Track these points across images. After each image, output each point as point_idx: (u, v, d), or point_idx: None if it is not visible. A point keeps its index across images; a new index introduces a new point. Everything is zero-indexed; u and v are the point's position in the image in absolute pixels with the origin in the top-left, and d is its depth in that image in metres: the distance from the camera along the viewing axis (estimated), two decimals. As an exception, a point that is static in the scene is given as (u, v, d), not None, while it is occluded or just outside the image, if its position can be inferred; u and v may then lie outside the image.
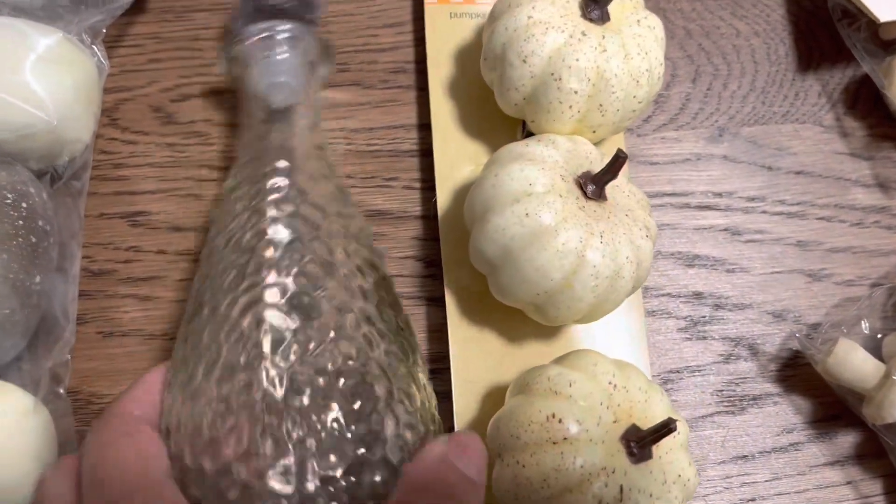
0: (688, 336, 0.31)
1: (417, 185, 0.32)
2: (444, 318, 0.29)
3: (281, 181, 0.26)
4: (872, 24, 0.33)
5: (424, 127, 0.33)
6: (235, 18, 0.30)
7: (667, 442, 0.25)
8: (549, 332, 0.30)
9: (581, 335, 0.30)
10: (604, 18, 0.28)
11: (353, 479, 0.20)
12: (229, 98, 0.33)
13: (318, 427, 0.21)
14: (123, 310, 0.30)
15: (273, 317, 0.22)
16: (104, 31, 0.30)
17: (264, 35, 0.29)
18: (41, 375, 0.27)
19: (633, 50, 0.28)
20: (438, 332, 0.30)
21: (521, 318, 0.28)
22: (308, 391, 0.21)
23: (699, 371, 0.31)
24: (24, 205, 0.25)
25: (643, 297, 0.31)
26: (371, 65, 0.34)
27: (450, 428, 0.28)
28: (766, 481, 0.30)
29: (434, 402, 0.24)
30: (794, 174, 0.33)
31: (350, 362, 0.22)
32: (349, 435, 0.21)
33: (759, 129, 0.34)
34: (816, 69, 0.35)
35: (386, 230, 0.31)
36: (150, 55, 0.33)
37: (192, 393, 0.22)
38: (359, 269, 0.25)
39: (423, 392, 0.24)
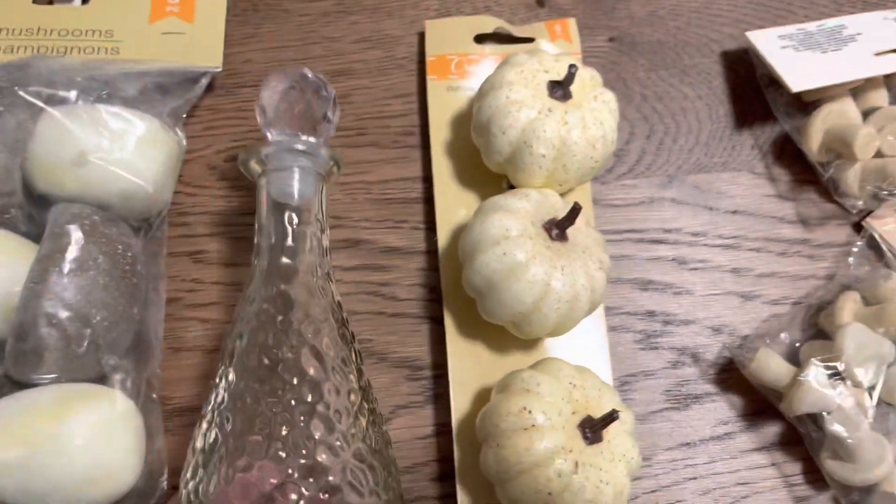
0: (642, 347, 0.38)
1: (422, 226, 0.39)
2: (444, 333, 0.36)
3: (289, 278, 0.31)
4: (794, 89, 0.40)
5: (428, 179, 0.40)
6: (261, 123, 0.34)
7: (614, 429, 0.32)
8: (528, 344, 0.37)
9: (555, 346, 0.37)
10: (566, 97, 0.35)
11: None
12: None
13: None
14: (188, 330, 0.37)
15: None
16: (184, 115, 0.38)
17: (281, 149, 0.32)
18: (141, 385, 0.34)
19: (591, 122, 0.35)
20: (439, 345, 0.37)
21: (505, 333, 0.35)
22: None
23: (651, 375, 0.38)
24: (129, 254, 0.33)
25: (606, 316, 0.38)
26: (385, 129, 0.41)
27: (444, 423, 0.35)
28: (705, 464, 0.37)
29: None
30: (731, 213, 0.40)
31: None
32: None
33: (702, 176, 0.41)
34: (750, 126, 0.42)
35: (398, 263, 0.39)
36: (207, 123, 0.41)
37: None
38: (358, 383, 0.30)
39: None
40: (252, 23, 0.43)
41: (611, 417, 0.30)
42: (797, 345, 0.37)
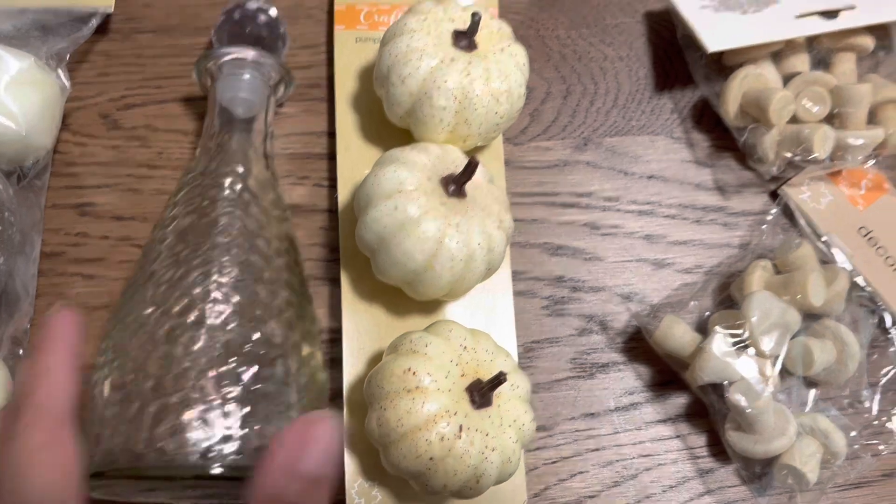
0: (549, 313, 0.37)
1: (325, 183, 0.38)
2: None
3: (237, 182, 0.31)
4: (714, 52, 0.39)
5: (332, 134, 0.38)
6: (215, 40, 0.37)
7: (506, 393, 0.30)
8: (428, 308, 0.35)
9: (457, 310, 0.36)
10: (471, 48, 0.33)
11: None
12: (165, 108, 0.38)
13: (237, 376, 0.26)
14: (72, 286, 0.35)
15: (217, 293, 0.28)
16: (67, 56, 0.36)
17: (234, 56, 0.35)
18: (3, 339, 0.32)
19: (495, 74, 0.33)
20: (337, 308, 0.35)
21: (404, 296, 0.34)
22: (232, 352, 0.27)
23: (557, 342, 0.37)
24: (-7, 198, 0.31)
25: (513, 280, 0.37)
26: (289, 80, 0.39)
27: (338, 389, 0.34)
28: (608, 435, 0.36)
29: (323, 376, 0.30)
30: (647, 178, 0.39)
31: (271, 338, 0.28)
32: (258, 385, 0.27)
33: (619, 139, 0.40)
34: (670, 90, 0.41)
35: (298, 221, 0.37)
36: (100, 69, 0.39)
37: (138, 337, 0.27)
38: (287, 267, 0.31)
39: (317, 369, 0.30)
40: (154, -34, 0.40)
41: (497, 380, 0.29)
42: (707, 314, 0.36)
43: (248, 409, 0.26)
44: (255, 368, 0.27)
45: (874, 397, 0.36)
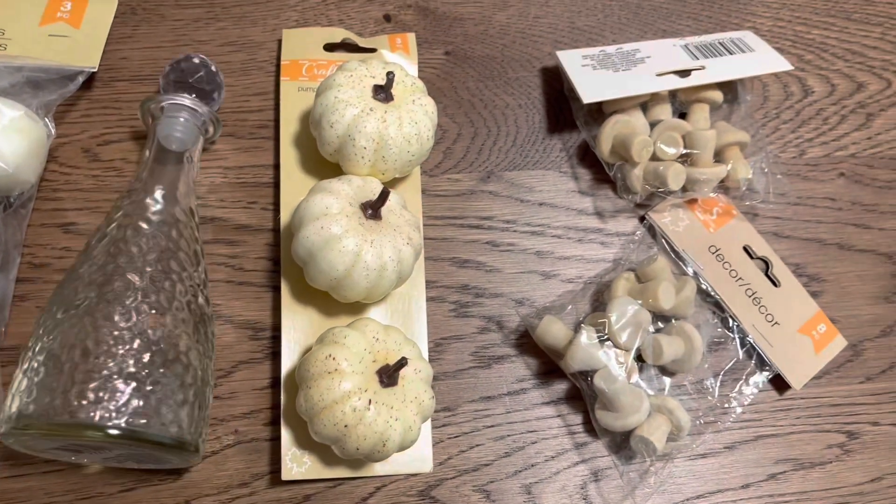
0: (456, 315, 0.45)
1: (270, 207, 0.45)
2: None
3: (161, 205, 0.39)
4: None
5: (277, 166, 0.46)
6: (162, 84, 0.44)
7: (410, 376, 0.38)
8: (355, 309, 0.43)
9: (379, 312, 0.43)
10: (388, 99, 0.41)
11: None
12: (138, 144, 0.46)
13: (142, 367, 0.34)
14: (56, 291, 0.43)
15: (131, 294, 0.36)
16: (55, 107, 0.43)
17: (173, 101, 0.42)
18: None
19: (406, 121, 0.41)
20: (278, 310, 0.43)
21: (332, 299, 0.41)
22: (137, 341, 0.35)
23: (461, 339, 0.44)
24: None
25: (426, 288, 0.44)
26: (243, 122, 0.47)
27: (277, 377, 0.41)
28: (502, 414, 0.43)
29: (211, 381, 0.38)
30: (538, 205, 0.47)
31: (172, 337, 0.36)
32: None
33: (516, 173, 0.48)
34: (559, 132, 0.49)
35: (247, 238, 0.44)
36: (83, 112, 0.46)
37: (59, 327, 0.34)
38: (194, 285, 0.39)
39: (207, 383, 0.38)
40: (130, 24, 0.48)
41: (400, 364, 0.36)
42: (584, 316, 0.44)
43: (144, 387, 0.34)
44: (154, 357, 0.34)
45: (716, 384, 0.44)
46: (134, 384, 0.34)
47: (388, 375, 0.37)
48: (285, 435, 0.40)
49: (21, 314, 0.42)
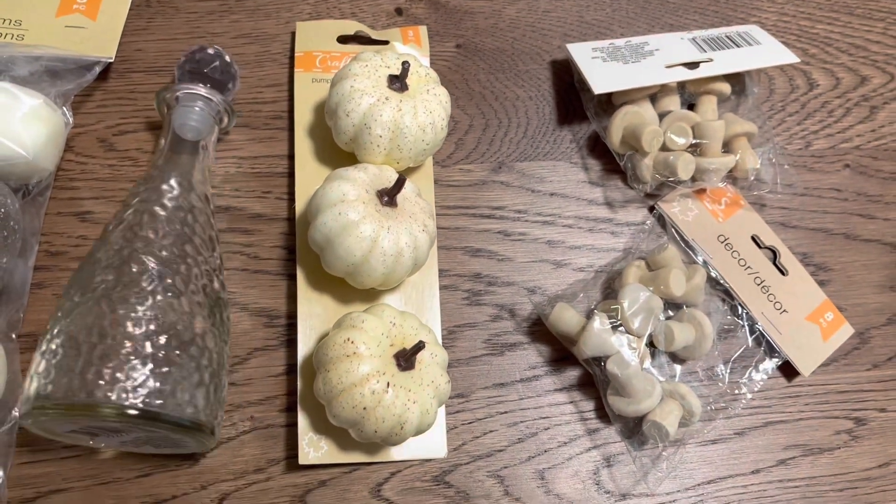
0: (469, 303, 0.45)
1: (285, 196, 0.46)
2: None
3: (177, 192, 0.39)
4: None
5: (291, 156, 0.46)
6: (177, 75, 0.45)
7: (426, 360, 0.38)
8: (369, 296, 0.43)
9: (394, 299, 0.44)
10: (403, 89, 0.42)
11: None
12: (153, 134, 0.46)
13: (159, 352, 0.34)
14: (72, 279, 0.43)
15: (147, 279, 0.36)
16: (73, 97, 0.44)
17: (188, 91, 0.42)
18: (1, 326, 0.39)
19: (421, 110, 0.42)
20: (293, 298, 0.43)
21: (348, 287, 0.42)
22: (155, 323, 0.35)
23: (475, 327, 0.45)
24: (1, 210, 0.38)
25: (439, 276, 0.45)
26: (257, 113, 0.47)
27: (293, 363, 0.42)
28: (515, 401, 0.44)
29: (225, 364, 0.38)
30: (549, 195, 0.48)
31: (188, 319, 0.36)
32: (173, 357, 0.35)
33: (527, 164, 0.49)
34: (570, 124, 0.50)
35: (262, 227, 0.45)
36: (99, 102, 0.47)
37: (78, 313, 0.35)
38: (208, 271, 0.39)
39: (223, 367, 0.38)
40: (145, 17, 0.49)
41: (418, 347, 0.37)
42: (595, 303, 0.45)
43: (160, 369, 0.34)
44: (170, 339, 0.35)
45: (726, 371, 0.45)
46: (151, 365, 0.34)
47: (406, 359, 0.37)
48: (302, 420, 0.40)
49: (38, 301, 0.42)
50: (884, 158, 0.52)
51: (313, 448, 0.40)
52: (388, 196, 0.40)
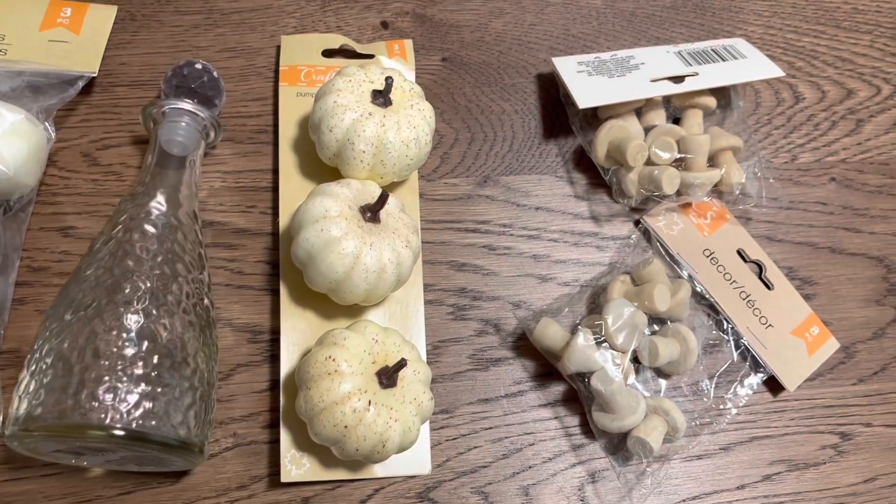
0: (454, 318, 0.45)
1: (269, 211, 0.46)
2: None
3: (163, 209, 0.39)
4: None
5: (276, 171, 0.46)
6: (163, 89, 0.44)
7: (409, 377, 0.38)
8: (353, 312, 0.43)
9: (378, 315, 0.44)
10: (386, 104, 0.42)
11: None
12: (137, 149, 0.46)
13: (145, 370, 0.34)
14: (53, 295, 0.43)
15: (136, 298, 0.36)
16: (55, 112, 0.44)
17: (174, 106, 0.42)
18: None
19: (405, 125, 0.42)
20: (277, 313, 0.43)
21: (331, 302, 0.42)
22: (144, 345, 0.35)
23: (459, 342, 0.45)
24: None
25: (424, 291, 0.45)
26: (242, 127, 0.47)
27: (276, 379, 0.41)
28: (499, 416, 0.43)
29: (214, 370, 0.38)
30: (535, 209, 0.48)
31: (178, 340, 0.36)
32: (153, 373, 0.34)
33: (513, 178, 0.48)
34: (555, 138, 0.50)
35: (246, 242, 0.45)
36: (83, 117, 0.46)
37: (64, 329, 0.35)
38: (196, 288, 0.39)
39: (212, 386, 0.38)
40: (129, 30, 0.49)
41: (399, 365, 0.37)
42: (579, 318, 0.45)
43: (154, 390, 0.34)
44: (163, 360, 0.35)
45: (711, 386, 0.45)
46: (144, 386, 0.34)
47: (388, 377, 0.37)
48: (284, 437, 0.40)
49: (19, 318, 0.42)
50: (869, 172, 0.52)
51: (296, 465, 0.40)
52: (371, 212, 0.40)
